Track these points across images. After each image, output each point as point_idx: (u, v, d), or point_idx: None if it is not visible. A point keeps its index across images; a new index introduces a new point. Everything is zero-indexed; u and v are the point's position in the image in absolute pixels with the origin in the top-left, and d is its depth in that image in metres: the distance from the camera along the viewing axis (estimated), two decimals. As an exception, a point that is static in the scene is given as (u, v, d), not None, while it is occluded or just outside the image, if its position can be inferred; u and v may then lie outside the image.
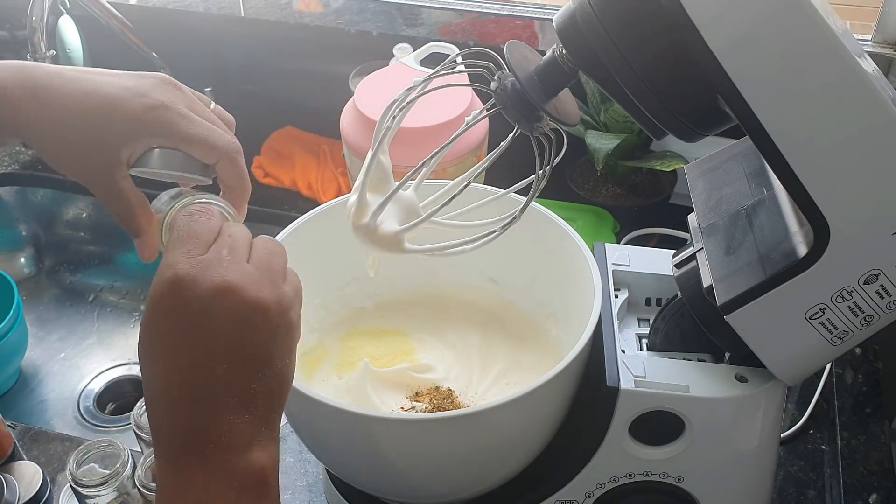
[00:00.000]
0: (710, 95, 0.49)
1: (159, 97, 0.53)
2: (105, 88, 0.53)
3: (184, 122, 0.53)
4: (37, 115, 0.52)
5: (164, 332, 0.45)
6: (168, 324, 0.45)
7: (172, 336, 0.45)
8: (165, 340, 0.45)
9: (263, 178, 1.24)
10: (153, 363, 0.46)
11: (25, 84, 0.52)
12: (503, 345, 0.78)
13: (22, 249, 1.31)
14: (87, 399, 1.09)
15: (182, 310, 0.45)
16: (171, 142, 0.54)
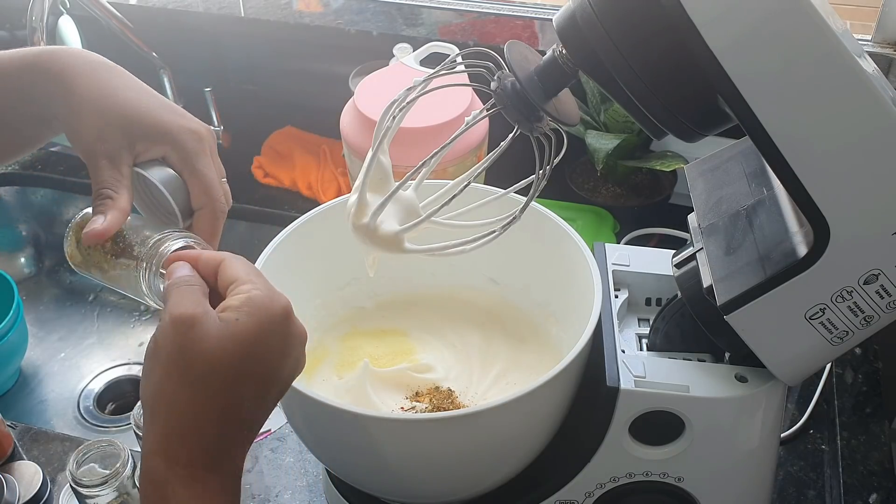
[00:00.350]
0: (711, 96, 0.49)
1: (200, 129, 0.58)
2: (154, 98, 0.57)
3: (203, 157, 0.57)
4: (88, 81, 0.55)
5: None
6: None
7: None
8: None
9: (263, 178, 1.24)
10: (235, 376, 0.47)
11: (88, 60, 0.56)
12: (503, 345, 0.78)
13: (22, 249, 1.31)
14: (87, 399, 1.09)
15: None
16: (181, 163, 0.56)
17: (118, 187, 0.54)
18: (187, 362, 0.46)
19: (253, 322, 0.47)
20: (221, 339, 0.46)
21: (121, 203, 0.54)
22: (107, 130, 0.54)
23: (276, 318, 0.48)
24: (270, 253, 0.69)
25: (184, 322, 0.46)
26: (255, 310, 0.47)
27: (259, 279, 0.50)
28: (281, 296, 0.49)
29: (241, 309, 0.47)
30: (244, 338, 0.47)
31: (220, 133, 1.24)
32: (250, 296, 0.48)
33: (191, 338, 0.46)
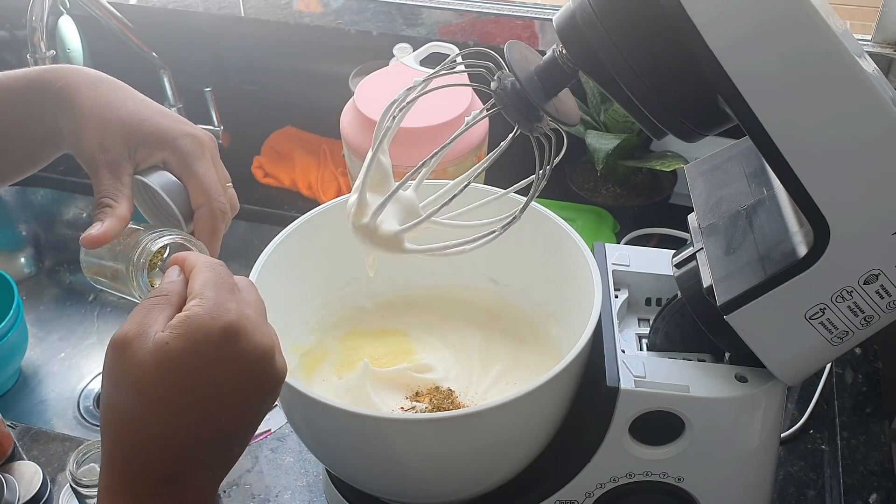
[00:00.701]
0: (711, 96, 0.49)
1: (199, 133, 0.59)
2: (153, 107, 0.59)
3: (203, 161, 0.58)
4: (90, 93, 0.56)
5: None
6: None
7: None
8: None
9: (263, 178, 1.24)
10: (166, 405, 0.45)
11: (90, 76, 0.58)
12: (503, 345, 0.78)
13: (22, 249, 1.31)
14: (87, 399, 1.09)
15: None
16: (180, 167, 0.57)
17: (117, 196, 0.55)
18: (122, 385, 0.45)
19: (184, 344, 0.44)
20: (147, 364, 0.44)
21: (119, 210, 0.54)
22: (107, 141, 0.55)
23: (214, 339, 0.45)
24: (270, 253, 0.69)
25: (114, 345, 0.45)
26: (187, 331, 0.45)
27: (210, 292, 0.47)
28: (228, 311, 0.46)
29: (174, 330, 0.45)
30: (171, 362, 0.44)
31: (221, 133, 1.24)
32: (187, 315, 0.45)
33: (121, 361, 0.45)
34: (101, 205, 0.54)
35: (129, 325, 0.46)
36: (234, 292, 0.48)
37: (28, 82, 0.58)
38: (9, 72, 0.59)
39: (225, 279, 0.49)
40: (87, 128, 0.55)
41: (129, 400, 0.45)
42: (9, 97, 0.58)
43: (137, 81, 1.38)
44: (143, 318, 0.46)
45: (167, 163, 0.57)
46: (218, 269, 0.50)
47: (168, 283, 0.49)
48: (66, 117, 0.56)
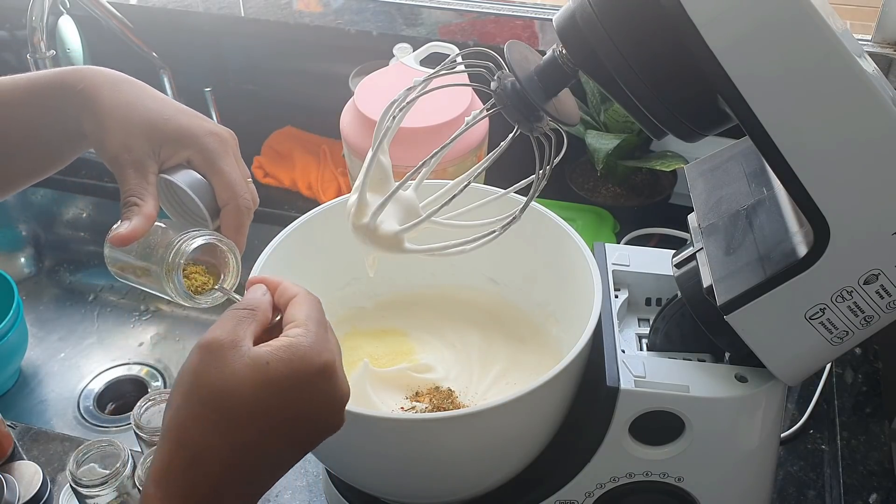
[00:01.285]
0: (710, 95, 0.49)
1: (222, 131, 0.59)
2: (174, 106, 0.60)
3: (227, 158, 0.58)
4: (112, 94, 0.57)
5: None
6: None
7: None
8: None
9: (263, 178, 1.24)
10: (249, 422, 0.45)
11: (110, 76, 0.59)
12: (503, 345, 0.78)
13: (22, 249, 1.31)
14: (87, 399, 1.09)
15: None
16: (204, 165, 0.57)
17: (143, 194, 0.55)
18: (205, 391, 0.44)
19: (285, 370, 0.45)
20: (243, 378, 0.44)
21: (146, 209, 0.55)
22: (131, 140, 0.56)
23: (313, 374, 0.46)
24: (270, 253, 0.69)
25: (208, 347, 0.45)
26: (290, 357, 0.45)
27: (315, 326, 0.48)
28: (329, 351, 0.47)
29: (276, 353, 0.45)
30: (269, 383, 0.44)
31: (220, 133, 1.24)
32: (293, 342, 0.46)
33: (213, 366, 0.45)
34: (129, 203, 0.55)
35: (221, 332, 0.46)
36: (328, 332, 0.49)
37: (49, 84, 0.58)
38: (29, 73, 0.59)
39: (324, 318, 0.50)
40: (110, 128, 0.56)
41: (208, 407, 0.44)
42: (30, 100, 0.58)
43: (137, 81, 1.36)
44: (234, 328, 0.46)
45: (191, 161, 0.58)
46: (318, 305, 0.50)
47: (255, 299, 0.49)
48: (89, 118, 0.57)
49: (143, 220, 0.54)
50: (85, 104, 0.57)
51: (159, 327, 1.20)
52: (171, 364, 1.15)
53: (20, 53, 1.37)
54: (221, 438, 0.44)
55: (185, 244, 0.53)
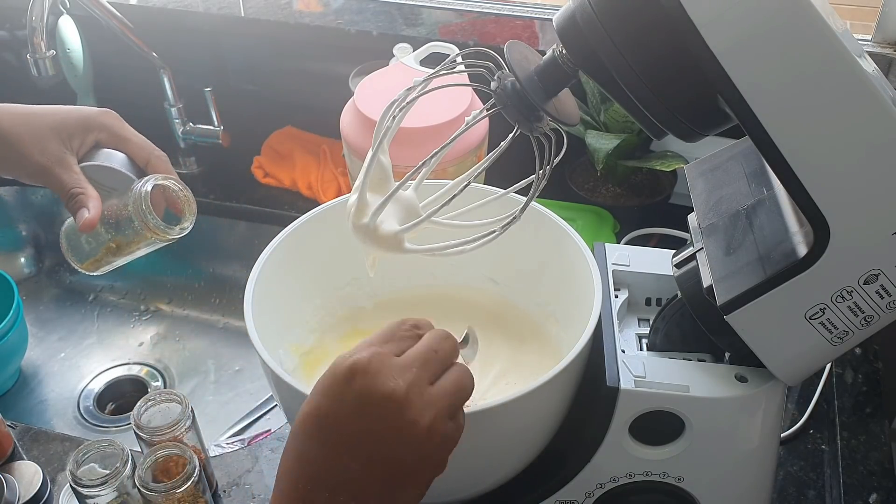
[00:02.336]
0: (711, 96, 0.49)
1: (109, 111, 0.67)
2: (59, 106, 0.65)
3: (126, 127, 0.66)
4: (9, 127, 0.62)
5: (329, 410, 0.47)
6: (333, 404, 0.47)
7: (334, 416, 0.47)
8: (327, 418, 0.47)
9: (263, 178, 1.24)
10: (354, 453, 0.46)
11: None
12: (503, 345, 0.78)
13: (22, 249, 1.31)
14: (87, 399, 1.09)
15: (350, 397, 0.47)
16: (113, 139, 0.65)
17: (82, 183, 0.61)
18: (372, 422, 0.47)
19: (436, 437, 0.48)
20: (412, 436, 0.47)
21: (91, 192, 0.61)
22: (45, 144, 0.61)
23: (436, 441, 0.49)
24: (270, 253, 0.69)
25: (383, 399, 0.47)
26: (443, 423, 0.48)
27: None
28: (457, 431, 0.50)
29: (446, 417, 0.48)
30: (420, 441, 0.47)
31: (221, 133, 1.24)
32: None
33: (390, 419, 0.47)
34: (73, 195, 0.61)
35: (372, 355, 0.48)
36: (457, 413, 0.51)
37: None
38: None
39: None
40: (20, 143, 0.61)
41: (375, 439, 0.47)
42: None
43: (137, 81, 1.38)
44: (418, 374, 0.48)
45: (99, 141, 0.64)
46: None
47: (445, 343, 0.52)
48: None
49: (96, 201, 0.61)
50: None
51: (159, 327, 1.20)
52: (171, 364, 1.15)
53: (20, 53, 1.37)
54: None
55: (140, 188, 0.61)
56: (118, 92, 1.32)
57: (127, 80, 1.30)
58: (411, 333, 0.51)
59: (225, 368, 1.14)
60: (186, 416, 0.75)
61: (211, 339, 1.18)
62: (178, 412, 0.75)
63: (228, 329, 1.19)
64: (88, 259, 0.65)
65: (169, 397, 0.77)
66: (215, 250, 1.22)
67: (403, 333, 0.51)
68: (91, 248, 0.64)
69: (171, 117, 1.24)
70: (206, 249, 1.22)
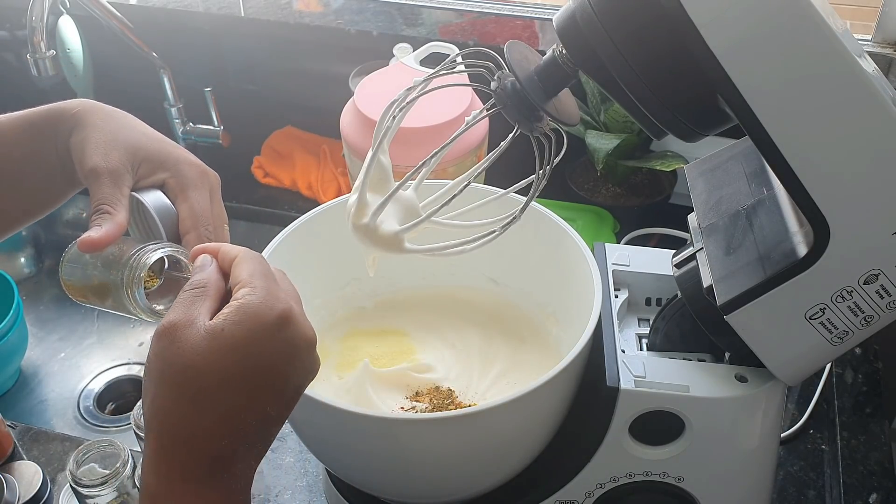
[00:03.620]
0: (711, 95, 0.49)
1: (205, 167, 0.61)
2: (157, 132, 0.61)
3: (200, 190, 0.59)
4: (104, 116, 0.59)
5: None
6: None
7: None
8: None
9: (263, 178, 1.24)
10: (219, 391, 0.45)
11: (106, 107, 0.61)
12: (503, 345, 0.78)
13: (22, 249, 1.31)
14: (87, 399, 1.09)
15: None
16: (176, 191, 0.58)
17: (116, 204, 0.55)
18: (171, 373, 0.45)
19: (240, 331, 0.45)
20: (203, 350, 0.45)
21: (118, 218, 0.55)
22: (112, 152, 0.57)
23: (269, 327, 0.46)
24: (270, 253, 0.69)
25: (166, 332, 0.46)
26: (244, 318, 0.46)
27: (261, 281, 0.48)
28: (280, 301, 0.47)
29: (228, 317, 0.46)
30: (229, 348, 0.45)
31: (221, 133, 1.24)
32: (242, 303, 0.46)
33: (172, 348, 0.45)
34: (101, 210, 0.55)
35: (175, 315, 0.46)
36: (278, 283, 0.49)
37: (46, 112, 0.60)
38: (26, 110, 0.61)
39: (269, 269, 0.50)
40: (94, 140, 0.57)
41: (179, 387, 0.45)
42: (31, 131, 0.60)
43: (137, 81, 1.38)
44: (187, 309, 0.47)
45: (166, 185, 0.59)
46: (261, 259, 0.50)
47: (204, 275, 0.49)
48: (77, 134, 0.58)
49: (115, 227, 0.54)
50: (76, 124, 0.58)
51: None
52: (171, 364, 1.15)
53: (20, 53, 1.37)
54: (201, 412, 0.45)
55: (145, 255, 0.53)
56: (118, 92, 1.32)
57: (127, 80, 1.30)
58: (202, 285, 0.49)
59: (225, 368, 1.14)
60: (186, 416, 0.75)
61: (211, 339, 1.18)
62: (178, 412, 0.75)
63: (228, 329, 1.19)
64: (73, 280, 0.58)
65: (169, 397, 0.77)
66: (215, 250, 1.22)
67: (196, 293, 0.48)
68: (83, 273, 0.57)
69: (171, 117, 1.24)
70: (206, 249, 1.22)
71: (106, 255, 0.54)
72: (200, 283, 0.49)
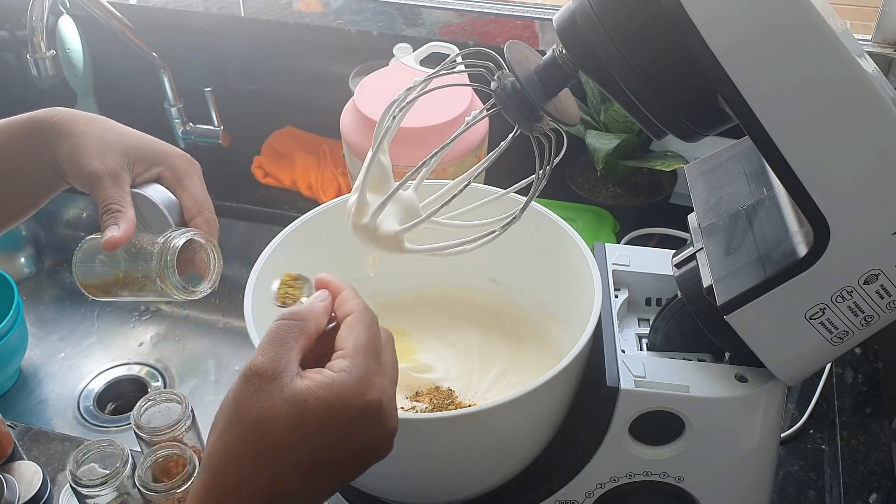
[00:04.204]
0: (711, 95, 0.49)
1: (190, 158, 0.64)
2: (139, 132, 0.64)
3: (194, 177, 0.63)
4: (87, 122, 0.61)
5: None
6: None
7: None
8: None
9: (263, 178, 1.24)
10: (282, 460, 0.45)
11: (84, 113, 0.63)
12: (503, 345, 0.78)
13: (22, 249, 1.31)
14: (87, 399, 1.09)
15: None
16: (174, 181, 0.62)
17: (123, 202, 0.59)
18: (242, 420, 0.44)
19: (322, 410, 0.44)
20: (279, 413, 0.44)
21: (128, 215, 0.58)
22: (107, 155, 0.59)
23: (353, 414, 0.45)
24: (270, 253, 0.69)
25: (252, 377, 0.45)
26: (330, 396, 0.44)
27: (361, 359, 0.46)
28: (373, 388, 0.46)
29: (314, 390, 0.44)
30: (306, 421, 0.44)
31: (221, 133, 1.24)
32: (335, 378, 0.45)
33: (253, 397, 0.44)
34: (111, 210, 0.58)
35: (265, 359, 0.45)
36: (380, 361, 0.48)
37: (25, 122, 0.62)
38: (4, 121, 0.63)
39: (376, 343, 0.48)
40: (86, 146, 0.60)
41: (244, 438, 0.44)
42: (9, 142, 0.62)
43: (137, 81, 1.38)
44: (277, 354, 0.45)
45: (161, 178, 0.62)
46: (373, 327, 0.49)
47: (305, 310, 0.49)
48: (65, 143, 0.60)
49: (130, 223, 0.57)
50: (60, 132, 0.60)
51: (159, 327, 1.20)
52: (171, 364, 1.15)
53: (20, 53, 1.37)
54: (257, 471, 0.44)
55: (172, 241, 0.57)
56: (118, 92, 1.32)
57: (127, 80, 1.30)
58: (302, 318, 0.48)
59: (225, 368, 1.14)
60: (186, 416, 0.75)
61: (211, 339, 1.18)
62: (178, 412, 0.76)
63: (228, 329, 1.19)
64: (94, 280, 0.61)
65: (169, 397, 0.77)
66: (215, 250, 1.22)
67: (293, 326, 0.48)
68: (101, 271, 0.60)
69: (171, 117, 1.24)
70: (206, 249, 1.22)
71: (126, 248, 0.58)
72: (301, 316, 0.48)
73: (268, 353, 0.46)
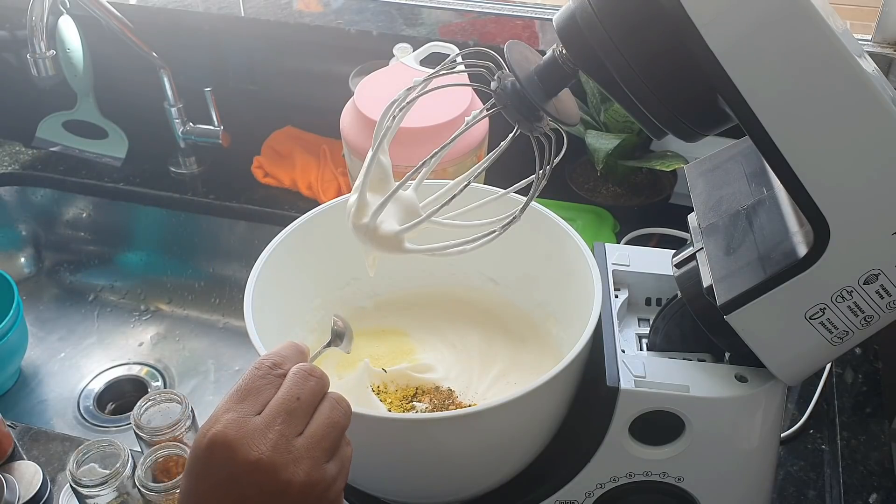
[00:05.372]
0: (711, 95, 0.49)
1: None
2: None
3: None
4: None
5: (197, 489, 0.46)
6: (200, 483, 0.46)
7: (204, 495, 0.46)
8: (198, 496, 0.46)
9: (263, 178, 1.24)
10: None
11: None
12: (503, 345, 0.78)
13: (22, 249, 1.31)
14: (87, 399, 1.09)
15: (215, 472, 0.46)
16: None
17: None
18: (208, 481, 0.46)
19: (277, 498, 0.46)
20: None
21: None
22: None
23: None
24: (270, 253, 0.69)
25: (214, 445, 0.46)
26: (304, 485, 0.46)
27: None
28: (335, 483, 0.48)
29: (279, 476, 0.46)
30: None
31: (221, 133, 1.24)
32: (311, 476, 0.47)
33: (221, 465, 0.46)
34: None
35: (229, 424, 0.46)
36: (337, 450, 0.49)
37: None
38: None
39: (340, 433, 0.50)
40: None
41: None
42: None
43: (137, 81, 1.38)
44: (281, 432, 0.47)
45: None
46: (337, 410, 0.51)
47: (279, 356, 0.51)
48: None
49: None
50: None
51: (159, 327, 1.20)
52: (171, 364, 1.15)
53: (20, 53, 1.37)
54: None
55: None
56: (118, 92, 1.32)
57: (127, 80, 1.30)
58: (269, 380, 0.49)
59: (225, 368, 1.14)
60: (186, 416, 0.75)
61: (211, 339, 1.18)
62: (178, 412, 0.75)
63: (228, 329, 1.19)
64: None
65: (169, 397, 0.77)
66: (215, 250, 1.22)
67: (261, 383, 0.48)
68: None
69: (171, 117, 1.24)
70: (206, 249, 1.22)
71: None
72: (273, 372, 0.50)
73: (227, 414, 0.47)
